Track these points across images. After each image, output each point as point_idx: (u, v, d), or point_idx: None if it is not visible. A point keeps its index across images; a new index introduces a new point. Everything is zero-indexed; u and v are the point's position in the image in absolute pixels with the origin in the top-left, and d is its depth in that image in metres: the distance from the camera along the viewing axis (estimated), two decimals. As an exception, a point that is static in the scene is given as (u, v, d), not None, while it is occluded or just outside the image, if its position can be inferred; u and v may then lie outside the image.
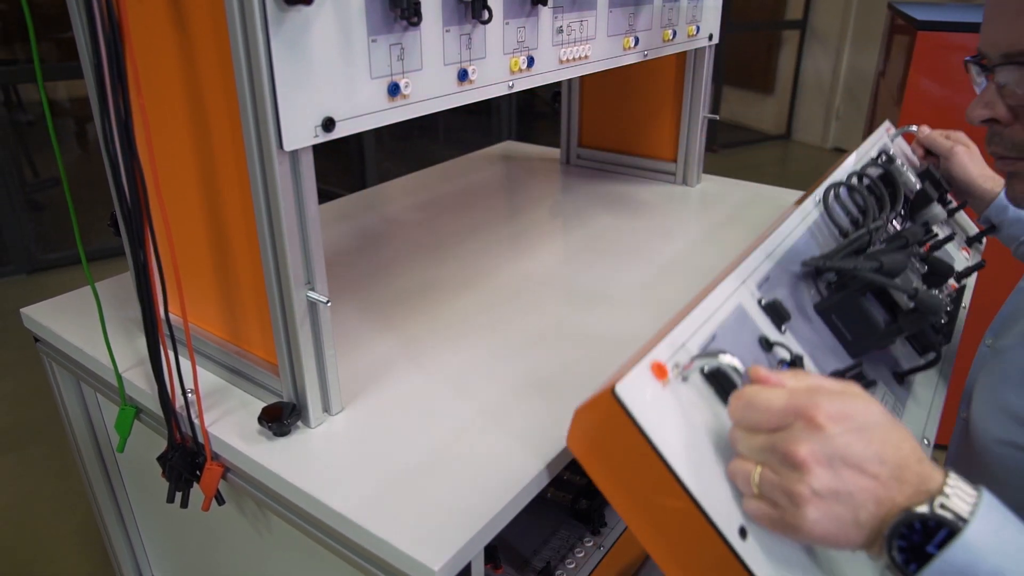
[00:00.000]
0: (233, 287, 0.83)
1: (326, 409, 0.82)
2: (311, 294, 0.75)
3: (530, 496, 0.74)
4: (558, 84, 1.77)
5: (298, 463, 0.76)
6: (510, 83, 0.93)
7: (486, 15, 0.83)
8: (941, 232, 1.01)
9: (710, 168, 1.65)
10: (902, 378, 0.69)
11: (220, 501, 0.84)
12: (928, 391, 0.72)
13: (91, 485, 1.16)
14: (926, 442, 0.64)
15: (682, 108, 1.57)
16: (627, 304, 1.10)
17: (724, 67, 4.96)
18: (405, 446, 0.79)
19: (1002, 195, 1.09)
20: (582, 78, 1.73)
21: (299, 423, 0.81)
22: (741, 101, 5.61)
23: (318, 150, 0.72)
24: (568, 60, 1.03)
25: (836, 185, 0.89)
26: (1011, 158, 0.71)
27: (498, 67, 0.90)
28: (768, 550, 0.50)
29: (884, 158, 1.06)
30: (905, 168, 1.11)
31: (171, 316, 0.86)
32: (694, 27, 1.38)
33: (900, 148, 1.19)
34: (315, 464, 0.76)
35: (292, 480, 0.73)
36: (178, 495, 0.84)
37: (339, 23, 0.68)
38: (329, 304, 0.75)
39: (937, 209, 1.02)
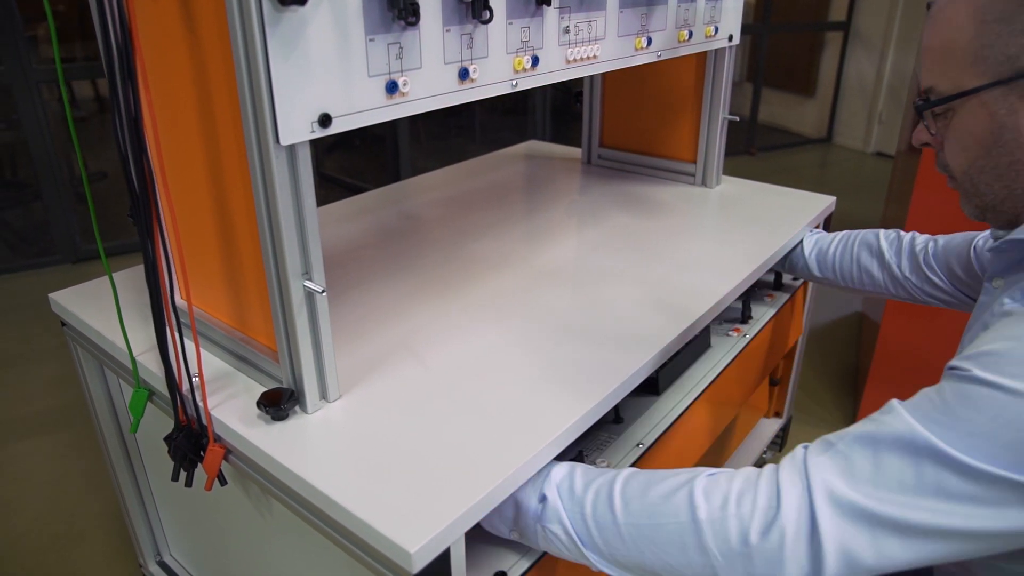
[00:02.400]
0: (239, 276, 0.86)
1: (324, 396, 0.85)
2: (308, 283, 0.77)
3: (515, 484, 0.75)
4: (580, 84, 1.78)
5: (293, 447, 0.78)
6: (513, 82, 0.94)
7: (487, 15, 0.85)
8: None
9: (746, 171, 1.65)
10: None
11: (222, 482, 0.87)
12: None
13: (113, 466, 1.21)
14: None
15: (702, 109, 1.57)
16: (630, 301, 1.11)
17: (764, 68, 4.89)
18: (398, 434, 0.81)
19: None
20: (604, 79, 1.73)
21: (297, 408, 0.84)
22: (781, 103, 5.51)
23: (356, 148, 0.75)
24: (575, 60, 1.05)
25: None
26: (949, 177, 0.78)
27: (501, 66, 0.92)
28: None
29: None
30: None
31: (183, 303, 0.90)
32: (712, 28, 1.38)
33: None
34: (309, 448, 0.78)
35: (285, 462, 0.76)
36: (183, 475, 0.88)
37: (336, 23, 0.71)
38: (325, 294, 0.78)
39: None
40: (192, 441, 0.85)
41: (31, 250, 3.32)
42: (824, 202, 1.53)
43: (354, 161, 4.80)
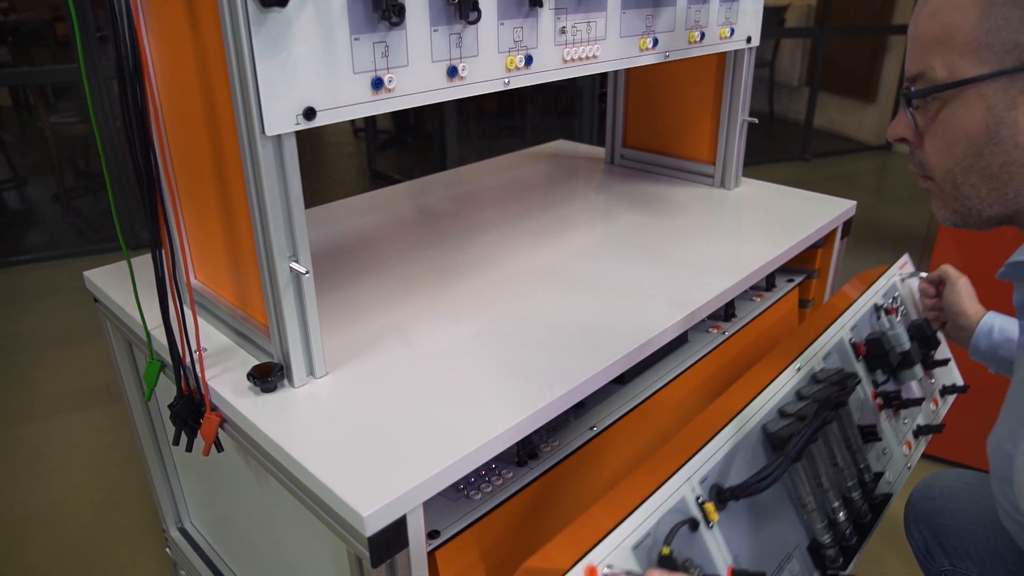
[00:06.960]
0: (240, 258, 0.93)
1: (310, 372, 0.91)
2: (294, 265, 0.83)
3: (474, 464, 0.79)
4: (603, 85, 1.80)
5: (276, 416, 0.84)
6: (506, 80, 0.98)
7: (474, 16, 0.89)
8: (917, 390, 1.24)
9: (798, 177, 1.65)
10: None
11: (219, 448, 0.94)
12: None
13: (139, 436, 1.29)
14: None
15: (721, 111, 1.57)
16: (622, 299, 1.13)
17: (821, 72, 4.79)
18: (374, 411, 0.86)
19: (980, 326, 1.13)
20: (628, 80, 1.75)
21: (285, 382, 0.89)
22: (840, 108, 5.38)
23: (408, 146, 0.79)
24: (573, 60, 1.08)
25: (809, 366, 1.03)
26: (923, 176, 0.75)
27: (492, 65, 0.96)
28: None
29: (880, 315, 1.21)
30: (899, 321, 1.21)
31: (192, 282, 0.97)
32: (728, 29, 1.39)
33: (909, 289, 1.31)
34: (291, 418, 0.84)
35: (265, 429, 0.81)
36: (184, 440, 0.95)
37: (320, 23, 0.76)
38: (309, 275, 0.83)
39: (917, 369, 1.18)
40: (191, 409, 0.92)
41: (96, 236, 3.53)
42: (843, 206, 1.52)
43: (405, 159, 4.92)
